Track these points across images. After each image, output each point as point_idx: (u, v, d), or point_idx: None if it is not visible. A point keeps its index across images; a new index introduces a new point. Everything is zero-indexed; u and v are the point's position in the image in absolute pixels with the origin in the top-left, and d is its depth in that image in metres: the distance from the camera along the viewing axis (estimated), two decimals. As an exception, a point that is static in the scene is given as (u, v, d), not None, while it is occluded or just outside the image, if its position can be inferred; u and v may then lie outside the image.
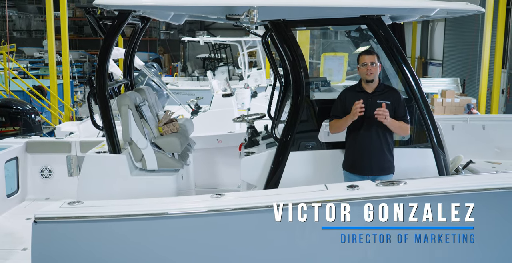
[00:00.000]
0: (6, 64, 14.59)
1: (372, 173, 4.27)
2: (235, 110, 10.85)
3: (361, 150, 4.28)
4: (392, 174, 4.33)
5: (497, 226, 3.64)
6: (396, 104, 4.25)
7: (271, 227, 3.55)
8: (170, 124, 4.97)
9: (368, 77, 4.25)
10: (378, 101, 4.23)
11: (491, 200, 3.59)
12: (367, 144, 4.25)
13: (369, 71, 4.22)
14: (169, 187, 4.62)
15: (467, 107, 14.39)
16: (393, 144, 4.34)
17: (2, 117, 10.36)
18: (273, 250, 3.59)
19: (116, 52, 8.70)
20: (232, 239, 3.60)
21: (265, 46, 5.56)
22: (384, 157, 4.29)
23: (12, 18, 34.37)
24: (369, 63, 4.22)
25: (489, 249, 3.65)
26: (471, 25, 18.28)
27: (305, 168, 4.45)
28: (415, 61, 25.69)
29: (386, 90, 4.33)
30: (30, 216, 3.82)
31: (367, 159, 4.27)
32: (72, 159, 5.97)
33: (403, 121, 4.26)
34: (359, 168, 4.31)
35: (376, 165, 4.28)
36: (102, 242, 3.61)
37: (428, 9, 4.32)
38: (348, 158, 4.38)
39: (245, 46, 17.68)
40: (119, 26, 4.32)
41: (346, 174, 4.39)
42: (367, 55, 4.25)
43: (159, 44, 35.30)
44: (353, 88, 4.39)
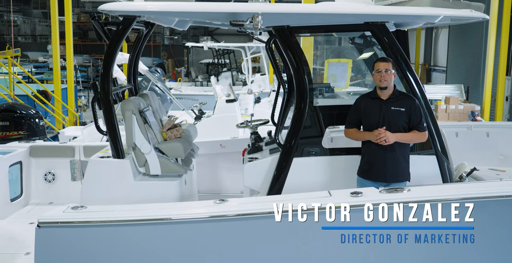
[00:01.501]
0: (11, 69, 14.66)
1: (386, 179, 4.26)
2: (238, 116, 10.85)
3: (376, 157, 4.27)
4: (407, 181, 4.30)
5: (502, 234, 3.63)
6: (411, 111, 4.25)
7: (274, 233, 3.55)
8: (174, 129, 4.98)
9: (381, 84, 4.26)
10: (392, 108, 4.24)
11: (495, 208, 3.58)
12: (382, 151, 4.23)
13: (383, 78, 4.22)
14: (173, 192, 4.62)
15: (471, 114, 14.36)
16: (408, 151, 4.32)
17: (6, 122, 10.41)
18: (276, 255, 3.59)
19: (120, 57, 8.76)
20: (234, 245, 3.60)
21: (269, 52, 5.56)
22: (399, 164, 4.28)
23: (17, 23, 34.55)
24: (383, 70, 4.22)
25: (489, 250, 3.63)
26: (475, 32, 18.27)
27: (308, 174, 4.44)
28: (419, 67, 25.68)
29: (400, 97, 4.32)
30: (33, 220, 3.83)
31: (382, 166, 4.26)
32: (75, 164, 5.98)
33: (417, 129, 4.24)
34: (373, 174, 4.30)
35: (391, 172, 4.27)
36: (105, 247, 3.61)
37: (433, 16, 4.32)
38: (363, 164, 4.37)
39: (249, 52, 17.72)
40: (123, 32, 4.34)
41: (359, 180, 4.38)
42: (382, 62, 4.26)
43: (163, 49, 35.41)
44: (368, 95, 4.40)
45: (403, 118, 4.24)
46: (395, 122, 4.23)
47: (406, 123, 4.25)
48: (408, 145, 4.33)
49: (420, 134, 4.27)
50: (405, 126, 4.26)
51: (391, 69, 4.25)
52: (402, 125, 4.25)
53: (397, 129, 4.22)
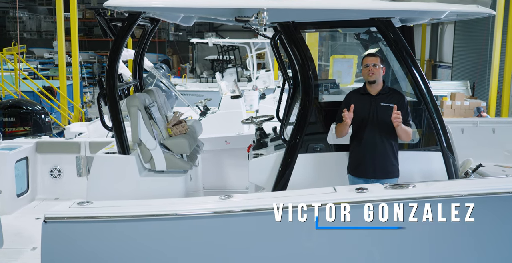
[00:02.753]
0: (17, 65, 14.71)
1: (375, 176, 4.23)
2: (243, 112, 10.86)
3: (365, 153, 4.25)
4: (396, 178, 4.29)
5: (508, 230, 3.62)
6: (399, 107, 4.24)
7: (278, 228, 3.56)
8: (179, 125, 4.99)
9: (369, 78, 4.25)
10: (381, 104, 4.23)
11: (501, 204, 3.57)
12: (370, 147, 4.22)
13: (370, 72, 4.22)
14: (178, 188, 4.63)
15: (477, 110, 14.30)
16: (397, 147, 4.31)
17: (12, 118, 10.46)
18: (280, 251, 3.60)
19: (126, 53, 8.76)
20: (239, 241, 3.61)
21: (274, 48, 5.56)
22: (388, 160, 4.26)
23: (22, 19, 34.64)
24: (371, 65, 4.22)
25: (493, 246, 3.63)
26: (481, 27, 18.17)
27: (313, 170, 4.44)
28: (424, 63, 25.58)
29: (390, 93, 4.31)
30: (39, 216, 3.86)
31: (370, 162, 4.24)
32: (81, 159, 6.01)
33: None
34: (363, 171, 4.28)
35: (380, 168, 4.25)
36: (111, 242, 3.63)
37: (438, 11, 4.30)
38: (352, 161, 4.36)
39: (254, 48, 17.71)
40: (129, 28, 4.34)
41: (350, 178, 4.37)
42: (369, 57, 4.27)
43: (168, 45, 35.43)
44: (358, 91, 4.39)
45: (392, 114, 4.22)
46: (384, 118, 4.20)
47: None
48: (397, 141, 4.29)
49: (410, 131, 4.23)
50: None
51: (379, 64, 4.24)
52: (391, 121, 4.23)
53: (387, 125, 4.18)
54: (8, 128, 10.39)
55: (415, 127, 4.45)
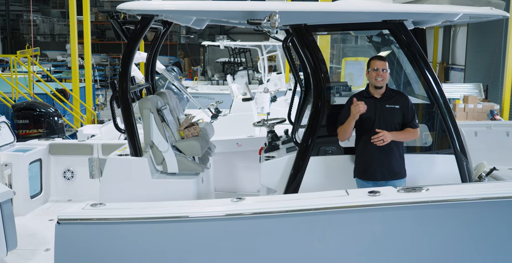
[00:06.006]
0: (30, 68, 14.87)
1: (384, 177, 4.23)
2: (255, 114, 10.86)
3: (372, 156, 4.23)
4: (404, 178, 4.28)
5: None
6: (404, 108, 4.23)
7: (289, 231, 3.55)
8: (191, 128, 5.01)
9: (378, 84, 4.22)
10: (387, 106, 4.22)
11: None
12: (377, 149, 4.19)
13: (380, 76, 4.19)
14: (190, 190, 4.64)
15: (490, 113, 14.16)
16: (403, 148, 4.29)
17: (26, 120, 10.58)
18: (292, 254, 3.59)
19: (138, 56, 8.81)
20: (251, 243, 3.60)
21: (286, 50, 5.56)
22: (395, 162, 4.25)
23: (36, 22, 34.99)
24: (380, 69, 4.20)
25: (505, 253, 3.60)
26: (494, 29, 18.00)
27: (325, 173, 4.43)
28: (437, 66, 25.40)
29: (393, 95, 4.30)
30: (53, 217, 3.88)
31: (378, 164, 4.22)
32: (94, 161, 6.04)
33: (411, 127, 4.22)
34: (370, 174, 4.26)
35: (387, 169, 4.24)
36: (123, 244, 3.64)
37: (452, 14, 4.28)
38: (359, 164, 4.34)
39: (265, 51, 17.71)
40: (141, 31, 4.37)
41: (358, 181, 4.35)
42: (379, 60, 4.23)
43: (180, 48, 35.57)
44: (361, 94, 4.35)
45: (398, 115, 4.21)
46: (390, 120, 4.20)
47: (400, 121, 4.22)
48: (402, 142, 4.29)
49: (414, 131, 4.24)
50: (399, 123, 4.24)
51: (387, 68, 4.22)
52: (398, 123, 4.23)
53: (393, 127, 4.19)
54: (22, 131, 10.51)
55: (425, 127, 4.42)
